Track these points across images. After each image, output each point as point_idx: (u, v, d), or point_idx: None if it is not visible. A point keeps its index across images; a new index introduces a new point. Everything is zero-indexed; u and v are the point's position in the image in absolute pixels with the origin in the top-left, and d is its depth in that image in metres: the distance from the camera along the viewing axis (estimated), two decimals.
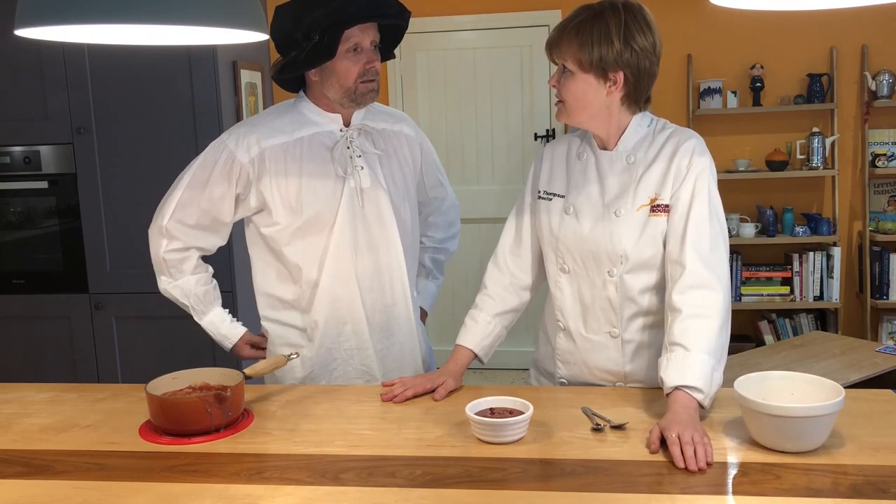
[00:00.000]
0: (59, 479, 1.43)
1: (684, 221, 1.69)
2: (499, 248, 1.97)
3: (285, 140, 1.92)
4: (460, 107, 4.93)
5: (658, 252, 1.74)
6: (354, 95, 1.89)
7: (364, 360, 2.03)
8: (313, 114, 1.95)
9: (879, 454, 1.42)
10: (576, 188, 1.80)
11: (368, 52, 1.87)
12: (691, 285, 1.65)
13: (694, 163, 1.71)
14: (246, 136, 1.93)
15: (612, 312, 1.77)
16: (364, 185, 1.95)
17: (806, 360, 3.52)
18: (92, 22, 1.19)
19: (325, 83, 1.89)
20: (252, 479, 1.40)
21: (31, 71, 3.38)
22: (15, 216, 3.53)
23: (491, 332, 1.91)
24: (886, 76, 4.46)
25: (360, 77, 1.87)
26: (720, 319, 1.64)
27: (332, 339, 2.00)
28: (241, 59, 3.50)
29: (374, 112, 2.04)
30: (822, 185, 4.71)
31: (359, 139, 1.97)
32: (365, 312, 2.00)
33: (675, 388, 1.57)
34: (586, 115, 1.74)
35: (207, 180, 1.94)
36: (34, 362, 3.57)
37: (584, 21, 1.67)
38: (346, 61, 1.85)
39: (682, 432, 1.44)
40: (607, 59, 1.65)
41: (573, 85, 1.70)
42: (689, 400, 1.55)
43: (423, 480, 1.38)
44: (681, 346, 1.61)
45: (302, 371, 2.02)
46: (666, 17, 4.47)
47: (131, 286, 3.45)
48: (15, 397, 1.87)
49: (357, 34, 1.83)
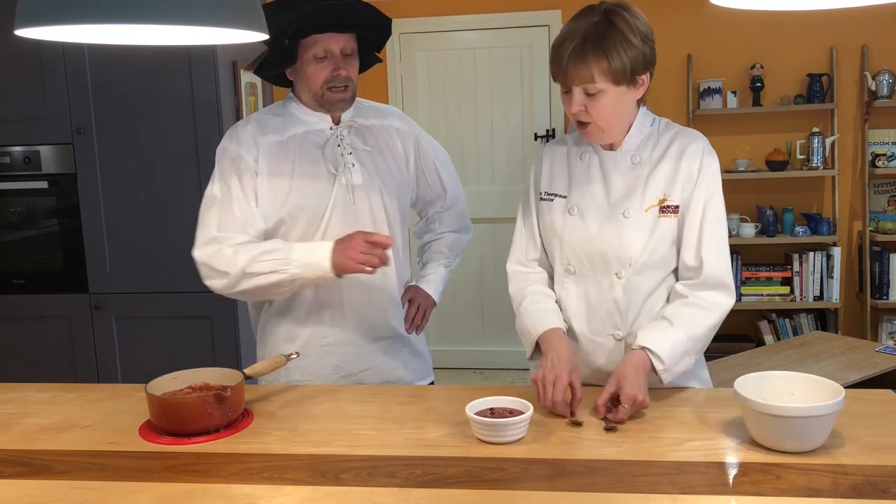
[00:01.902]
0: (59, 479, 1.43)
1: (700, 225, 1.71)
2: (515, 253, 1.90)
3: (278, 139, 1.94)
4: (460, 107, 4.93)
5: (667, 253, 1.74)
6: (322, 101, 1.91)
7: (342, 358, 2.02)
8: (303, 113, 1.97)
9: (879, 454, 1.42)
10: (578, 188, 1.80)
11: (337, 59, 1.87)
12: (708, 286, 1.71)
13: (705, 164, 1.72)
14: (244, 135, 1.93)
15: (617, 315, 1.77)
16: (355, 182, 1.96)
17: (806, 360, 3.53)
18: (92, 22, 1.19)
19: (298, 85, 1.94)
20: (252, 479, 1.40)
21: (31, 71, 3.38)
22: (15, 216, 3.53)
23: (560, 315, 1.82)
24: (886, 76, 4.46)
25: (326, 84, 1.87)
26: (717, 319, 1.71)
27: (309, 335, 2.00)
28: (241, 59, 3.50)
29: (363, 108, 2.04)
30: (822, 185, 4.71)
31: (349, 136, 1.98)
32: (348, 310, 1.99)
33: (640, 348, 1.65)
34: (618, 127, 1.72)
35: (231, 187, 1.91)
36: (34, 362, 3.56)
37: (600, 34, 1.61)
38: (313, 66, 1.86)
39: (634, 394, 1.58)
40: (636, 64, 1.63)
41: (606, 103, 1.64)
42: (646, 363, 1.64)
43: (423, 480, 1.38)
44: (666, 321, 1.69)
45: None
46: (666, 17, 4.47)
47: (131, 286, 3.45)
48: (15, 397, 1.87)
49: (325, 41, 1.84)
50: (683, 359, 1.68)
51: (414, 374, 2.14)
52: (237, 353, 3.39)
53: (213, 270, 1.87)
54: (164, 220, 3.40)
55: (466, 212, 2.30)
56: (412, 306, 2.12)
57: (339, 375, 2.03)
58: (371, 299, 2.02)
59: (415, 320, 2.12)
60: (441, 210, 2.25)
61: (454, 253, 2.28)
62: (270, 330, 2.05)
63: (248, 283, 1.84)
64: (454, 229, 2.27)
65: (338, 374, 2.03)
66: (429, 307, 2.17)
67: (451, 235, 2.26)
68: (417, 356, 2.15)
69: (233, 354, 3.39)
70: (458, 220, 2.27)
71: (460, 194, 2.27)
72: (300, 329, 2.01)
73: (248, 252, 1.84)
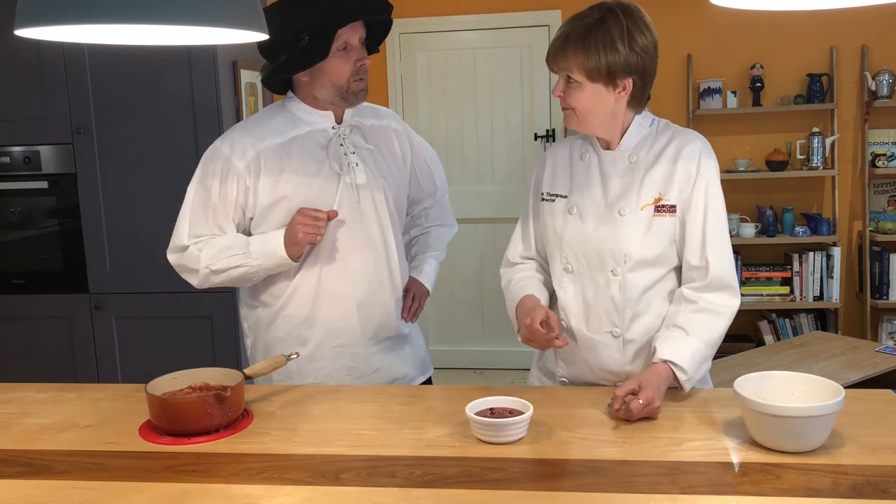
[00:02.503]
0: (59, 479, 1.43)
1: (702, 226, 1.73)
2: (509, 256, 1.97)
3: (280, 141, 1.93)
4: (460, 107, 4.93)
5: (662, 251, 1.75)
6: (346, 94, 1.91)
7: (354, 358, 2.02)
8: (305, 113, 1.97)
9: (879, 454, 1.42)
10: (579, 189, 1.81)
11: (358, 49, 1.89)
12: (714, 288, 1.72)
13: (703, 165, 1.73)
14: (240, 139, 1.93)
15: (614, 312, 1.78)
16: (359, 181, 1.96)
17: (806, 360, 3.53)
18: (92, 22, 1.19)
19: (315, 83, 1.91)
20: (252, 479, 1.40)
21: (31, 71, 3.37)
22: (15, 216, 3.53)
23: (545, 294, 1.87)
24: (886, 76, 4.46)
25: (352, 76, 1.88)
26: (727, 322, 1.74)
27: (322, 336, 2.00)
28: (240, 59, 3.50)
29: (360, 109, 2.05)
30: (822, 185, 4.71)
31: (351, 136, 1.99)
32: (358, 309, 1.99)
33: (663, 361, 1.66)
34: (596, 121, 1.74)
35: (209, 191, 1.93)
36: (34, 362, 3.56)
37: (587, 30, 1.66)
38: (338, 60, 1.86)
39: (652, 398, 1.58)
40: (615, 67, 1.66)
41: (581, 95, 1.70)
42: (669, 374, 1.65)
43: (423, 480, 1.38)
44: (682, 330, 1.70)
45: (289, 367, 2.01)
46: (666, 17, 4.47)
47: (131, 286, 3.45)
48: (15, 397, 1.87)
49: (347, 32, 1.85)
50: (702, 366, 1.71)
51: (417, 370, 2.15)
52: (237, 353, 3.39)
53: (183, 269, 1.99)
54: (164, 220, 3.37)
55: (450, 207, 2.33)
56: (408, 296, 2.13)
57: (353, 377, 2.03)
58: (377, 298, 2.02)
59: (411, 309, 2.13)
60: (428, 206, 2.27)
61: (441, 246, 2.30)
62: (274, 332, 2.04)
63: (216, 279, 1.95)
64: (440, 223, 2.30)
65: (352, 374, 2.03)
66: (423, 296, 2.19)
67: (438, 229, 2.29)
68: (417, 351, 2.17)
69: (233, 354, 3.39)
70: (443, 215, 2.31)
71: (446, 191, 2.31)
72: (310, 331, 2.00)
73: (210, 250, 1.94)
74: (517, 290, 1.86)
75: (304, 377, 2.02)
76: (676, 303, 1.76)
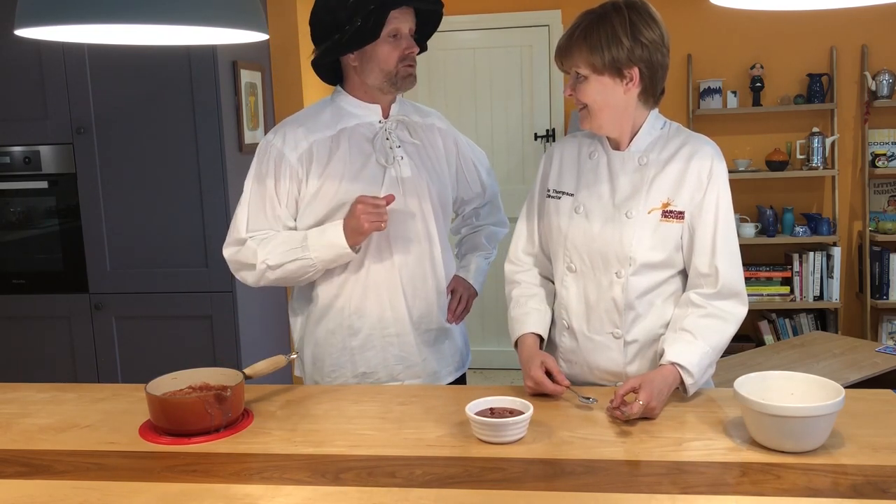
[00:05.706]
0: (59, 479, 1.43)
1: (713, 233, 1.72)
2: (512, 251, 1.97)
3: (330, 133, 1.96)
4: (460, 107, 4.93)
5: (668, 257, 1.75)
6: (395, 79, 1.93)
7: (403, 348, 2.03)
8: (352, 106, 1.99)
9: (879, 454, 1.42)
10: (586, 187, 1.81)
11: (407, 38, 1.91)
12: (724, 296, 1.72)
13: (716, 172, 1.73)
14: (293, 131, 1.95)
15: (616, 313, 1.77)
16: (404, 174, 1.98)
17: (806, 360, 3.53)
18: (92, 22, 1.19)
19: (364, 68, 1.93)
20: (252, 479, 1.40)
21: (31, 71, 3.37)
22: (15, 216, 3.53)
23: (545, 314, 1.88)
24: (886, 76, 4.46)
25: (400, 61, 1.91)
26: (734, 329, 1.73)
27: (371, 326, 2.01)
28: (241, 59, 3.50)
29: (405, 106, 2.08)
30: (822, 185, 4.71)
31: (397, 130, 2.01)
32: (406, 300, 2.01)
33: (670, 364, 1.65)
34: (608, 117, 1.74)
35: (265, 184, 1.94)
36: (34, 362, 3.56)
37: (590, 25, 1.68)
38: (387, 45, 1.89)
39: (650, 399, 1.57)
40: (619, 58, 1.66)
41: (589, 89, 1.71)
42: (675, 378, 1.65)
43: (423, 480, 1.38)
44: (689, 333, 1.69)
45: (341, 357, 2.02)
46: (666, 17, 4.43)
47: (131, 286, 3.45)
48: (15, 397, 1.87)
49: (398, 19, 1.87)
50: (708, 370, 1.71)
51: (453, 366, 2.14)
52: (237, 353, 3.39)
53: (239, 265, 1.97)
54: (164, 220, 3.39)
55: (502, 207, 2.33)
56: (455, 296, 2.13)
57: (404, 366, 2.04)
58: (419, 290, 2.03)
59: (457, 310, 2.12)
60: (478, 206, 2.28)
61: (492, 245, 2.29)
62: (326, 324, 2.03)
63: (273, 274, 1.94)
64: (491, 223, 2.30)
65: (402, 364, 2.04)
66: (471, 297, 2.17)
67: (489, 228, 2.29)
68: (455, 350, 2.15)
69: (233, 354, 3.39)
70: (495, 215, 2.31)
71: (497, 191, 2.31)
72: (360, 321, 2.00)
73: (267, 244, 1.93)
74: (517, 316, 1.87)
75: (357, 366, 2.03)
76: (683, 306, 1.75)
